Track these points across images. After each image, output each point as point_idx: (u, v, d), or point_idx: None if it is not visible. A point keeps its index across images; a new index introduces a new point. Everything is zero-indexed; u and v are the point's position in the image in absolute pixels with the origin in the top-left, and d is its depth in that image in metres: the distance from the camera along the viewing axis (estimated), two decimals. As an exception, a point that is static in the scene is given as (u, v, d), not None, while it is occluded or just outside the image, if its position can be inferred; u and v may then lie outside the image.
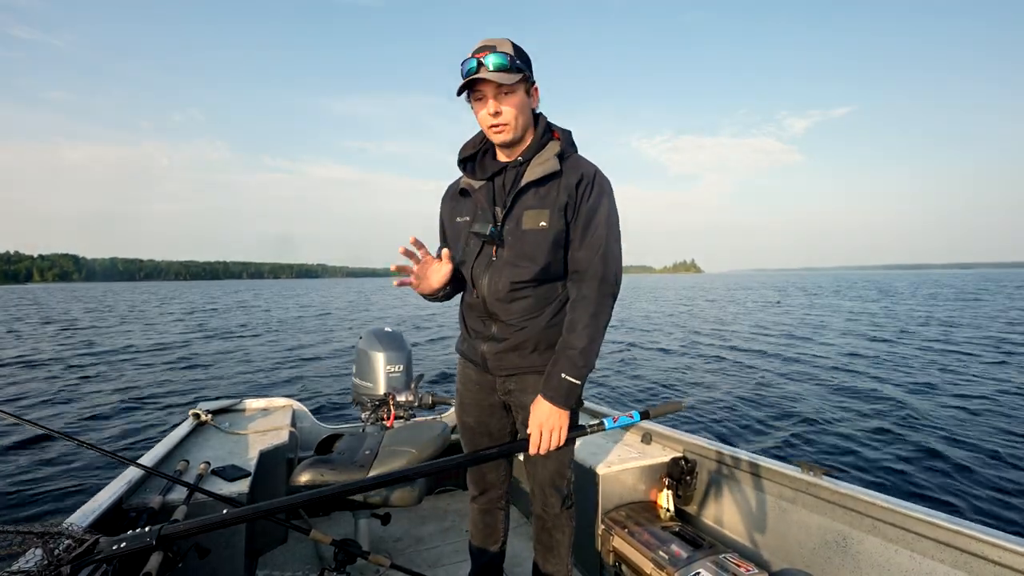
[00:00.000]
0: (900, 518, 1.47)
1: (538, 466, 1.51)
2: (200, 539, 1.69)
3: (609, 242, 1.36)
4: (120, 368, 9.87)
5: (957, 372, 8.91)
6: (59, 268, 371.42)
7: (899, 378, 8.50)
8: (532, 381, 1.43)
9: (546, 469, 1.50)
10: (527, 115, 1.35)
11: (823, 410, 6.63)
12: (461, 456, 1.41)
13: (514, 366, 1.44)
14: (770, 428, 5.93)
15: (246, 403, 2.77)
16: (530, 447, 1.33)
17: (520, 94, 1.31)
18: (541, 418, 1.33)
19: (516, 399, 1.48)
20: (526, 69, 1.31)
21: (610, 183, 1.39)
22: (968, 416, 6.24)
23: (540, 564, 1.62)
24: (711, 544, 1.77)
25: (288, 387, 8.34)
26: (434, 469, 1.35)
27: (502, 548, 1.74)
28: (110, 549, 0.92)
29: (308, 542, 2.32)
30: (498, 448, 1.40)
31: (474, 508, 1.72)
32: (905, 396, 7.27)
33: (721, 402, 7.15)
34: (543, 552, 1.61)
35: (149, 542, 0.94)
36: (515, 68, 1.27)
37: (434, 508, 2.70)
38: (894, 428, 5.80)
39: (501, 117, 1.30)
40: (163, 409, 6.85)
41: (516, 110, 1.31)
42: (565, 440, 1.35)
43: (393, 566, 1.85)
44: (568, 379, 1.32)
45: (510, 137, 1.34)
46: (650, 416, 1.52)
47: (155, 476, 1.84)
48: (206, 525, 0.99)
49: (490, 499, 1.68)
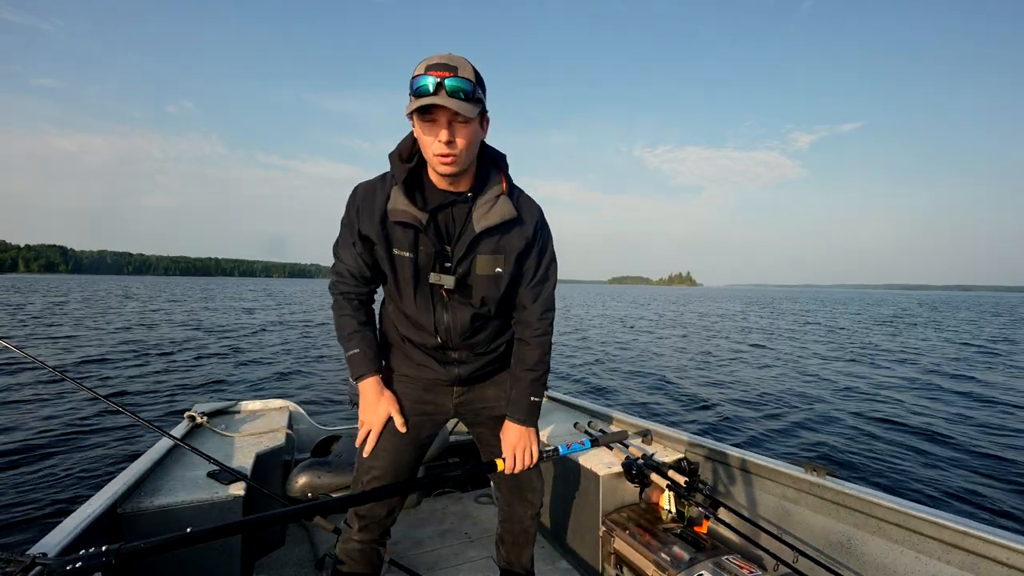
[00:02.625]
0: (905, 519, 1.45)
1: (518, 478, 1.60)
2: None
3: (554, 278, 1.45)
4: (116, 368, 9.80)
5: (961, 374, 8.94)
6: (45, 259, 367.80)
7: (899, 378, 8.52)
8: (490, 384, 1.54)
9: (524, 477, 1.61)
10: (477, 147, 1.24)
11: (826, 410, 6.63)
12: (461, 469, 1.41)
13: (481, 376, 1.52)
14: (772, 428, 5.92)
15: (242, 405, 2.74)
16: (507, 469, 1.43)
17: (475, 125, 1.19)
18: (513, 440, 1.44)
19: (469, 407, 1.55)
20: (484, 98, 1.20)
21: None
22: (972, 414, 6.26)
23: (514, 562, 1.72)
24: (713, 546, 1.75)
25: (285, 389, 8.30)
26: (432, 478, 1.35)
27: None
28: (63, 570, 0.84)
29: (305, 545, 2.29)
30: (463, 469, 1.44)
31: (352, 544, 1.47)
32: (906, 395, 7.29)
33: (722, 402, 7.15)
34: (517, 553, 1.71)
35: (107, 561, 0.86)
36: (475, 98, 1.14)
37: (432, 510, 2.67)
38: (898, 428, 5.81)
39: (453, 148, 1.16)
40: (158, 412, 6.79)
41: (468, 142, 1.18)
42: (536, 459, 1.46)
43: (392, 563, 1.83)
44: (535, 400, 1.45)
45: (457, 170, 1.21)
46: (599, 444, 1.72)
47: (150, 479, 1.81)
48: (170, 543, 0.93)
49: (373, 535, 1.48)
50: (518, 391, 1.44)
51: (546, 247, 1.41)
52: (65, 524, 1.37)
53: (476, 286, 1.33)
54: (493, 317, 1.43)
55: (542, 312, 1.43)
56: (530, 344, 1.44)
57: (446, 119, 1.14)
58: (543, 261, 1.41)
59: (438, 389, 1.49)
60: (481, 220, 1.27)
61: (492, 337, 1.47)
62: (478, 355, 1.46)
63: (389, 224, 1.28)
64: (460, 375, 1.46)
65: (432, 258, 1.29)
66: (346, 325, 1.40)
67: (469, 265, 1.31)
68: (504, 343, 1.50)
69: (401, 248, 1.29)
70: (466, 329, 1.38)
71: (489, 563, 2.19)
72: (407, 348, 1.45)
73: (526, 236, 1.34)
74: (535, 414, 1.46)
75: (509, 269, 1.34)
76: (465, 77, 1.12)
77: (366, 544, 1.47)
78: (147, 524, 1.61)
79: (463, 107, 1.11)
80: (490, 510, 2.69)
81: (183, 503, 1.67)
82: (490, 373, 1.53)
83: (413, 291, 1.33)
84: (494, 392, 1.53)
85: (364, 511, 1.45)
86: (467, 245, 1.28)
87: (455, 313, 1.36)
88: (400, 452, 1.44)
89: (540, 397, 1.47)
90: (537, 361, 1.43)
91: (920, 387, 7.96)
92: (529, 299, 1.42)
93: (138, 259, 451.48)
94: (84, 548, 0.89)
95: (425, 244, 1.28)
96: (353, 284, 1.39)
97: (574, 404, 2.90)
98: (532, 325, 1.43)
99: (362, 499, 1.25)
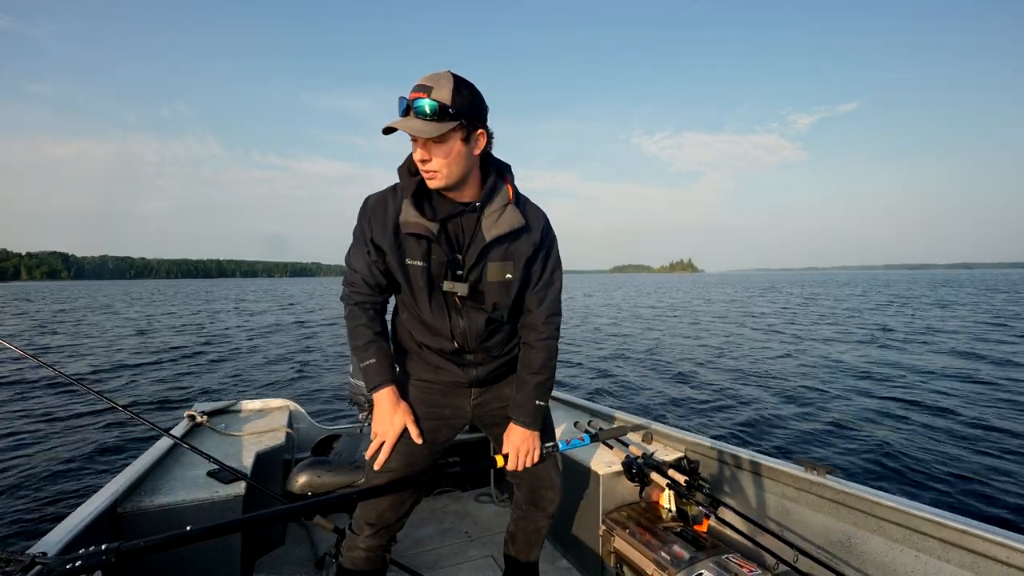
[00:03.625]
0: (905, 517, 1.45)
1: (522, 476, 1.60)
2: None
3: (560, 282, 1.47)
4: (114, 368, 9.81)
5: (958, 371, 8.94)
6: (48, 266, 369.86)
7: (899, 377, 8.52)
8: (507, 383, 1.55)
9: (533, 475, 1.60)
10: (464, 163, 1.24)
11: (827, 408, 6.64)
12: (461, 467, 1.41)
13: (498, 376, 1.53)
14: (773, 427, 5.93)
15: (242, 404, 2.75)
16: (508, 466, 1.44)
17: (454, 144, 1.19)
18: (517, 443, 1.45)
19: (487, 408, 1.55)
20: (466, 115, 1.18)
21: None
22: (971, 411, 6.26)
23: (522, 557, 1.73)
24: (713, 544, 1.76)
25: (285, 388, 8.30)
26: (433, 475, 1.35)
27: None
28: (63, 569, 0.84)
29: (305, 544, 2.29)
30: (464, 467, 1.48)
31: (358, 552, 1.45)
32: (906, 395, 7.29)
33: (723, 401, 7.15)
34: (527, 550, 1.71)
35: (107, 560, 0.86)
36: (447, 116, 1.15)
37: (432, 509, 2.68)
38: (898, 426, 5.81)
39: (430, 164, 1.21)
40: (158, 411, 6.80)
41: (447, 159, 1.20)
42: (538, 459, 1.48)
43: (392, 562, 1.83)
44: (540, 404, 1.46)
45: (442, 185, 1.24)
46: (599, 439, 1.73)
47: (150, 479, 1.81)
48: (169, 541, 0.93)
49: (381, 542, 1.46)
50: (523, 395, 1.46)
51: (551, 252, 1.44)
52: (65, 523, 1.37)
53: (488, 292, 1.36)
54: (506, 321, 1.45)
55: (547, 316, 1.45)
56: (535, 348, 1.45)
57: (419, 139, 1.18)
58: (548, 265, 1.44)
59: (456, 392, 1.50)
60: (491, 229, 1.30)
61: (506, 340, 1.49)
62: (494, 357, 1.48)
63: (402, 235, 1.30)
64: (478, 376, 1.47)
65: (444, 266, 1.32)
66: (361, 335, 1.40)
67: (480, 272, 1.33)
68: (519, 345, 1.52)
69: (414, 258, 1.31)
70: (481, 333, 1.40)
71: (489, 562, 2.19)
72: (424, 354, 1.45)
73: (534, 242, 1.37)
74: (540, 418, 1.47)
75: (519, 275, 1.37)
76: (436, 99, 1.14)
77: (373, 551, 1.45)
78: (147, 523, 1.62)
79: (422, 128, 1.14)
80: (490, 509, 2.69)
81: (183, 502, 1.67)
82: (507, 373, 1.55)
83: (428, 299, 1.35)
84: (511, 391, 1.53)
85: (374, 518, 1.42)
86: (478, 253, 1.31)
87: (470, 318, 1.38)
88: (414, 456, 1.43)
89: (545, 402, 1.48)
90: (542, 365, 1.45)
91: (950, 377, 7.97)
92: (535, 303, 1.44)
93: (140, 263, 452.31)
94: (84, 547, 0.88)
95: (437, 253, 1.30)
96: (368, 293, 1.40)
97: (574, 403, 2.91)
98: (537, 329, 1.45)
99: (360, 496, 1.25)
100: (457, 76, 1.18)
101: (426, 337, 1.42)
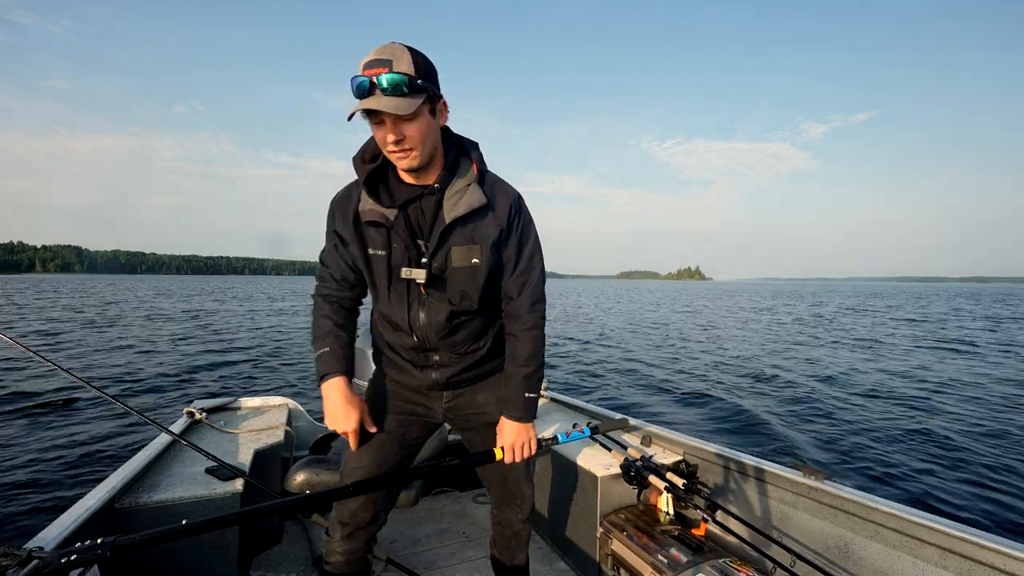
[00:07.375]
0: (903, 524, 1.45)
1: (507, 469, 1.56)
2: (191, 540, 1.66)
3: (540, 267, 1.40)
4: (114, 364, 9.81)
5: (960, 377, 8.93)
6: (61, 259, 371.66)
7: (900, 378, 8.51)
8: (480, 388, 1.49)
9: (514, 472, 1.58)
10: (435, 137, 1.21)
11: (825, 413, 6.63)
12: (458, 460, 1.39)
13: (467, 379, 1.47)
14: (771, 431, 5.92)
15: (241, 402, 2.75)
16: (506, 459, 1.40)
17: (424, 117, 1.14)
18: (511, 437, 1.39)
19: (459, 413, 1.51)
20: (430, 86, 1.13)
21: (525, 202, 1.38)
22: (972, 417, 6.25)
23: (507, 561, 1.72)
24: (711, 548, 1.75)
25: (284, 386, 8.30)
26: (431, 470, 1.34)
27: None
28: (58, 563, 0.84)
29: (303, 542, 2.29)
30: (459, 461, 1.41)
31: (336, 557, 1.43)
32: (907, 397, 7.28)
33: (722, 404, 7.14)
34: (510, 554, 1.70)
35: (102, 554, 0.86)
36: (416, 89, 1.09)
37: (430, 509, 2.67)
38: (898, 431, 5.80)
39: (404, 143, 1.14)
40: (157, 407, 6.80)
41: (421, 135, 1.15)
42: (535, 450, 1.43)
43: (389, 562, 1.83)
44: (530, 396, 1.40)
45: (417, 164, 1.19)
46: (599, 432, 1.68)
47: (148, 475, 1.82)
48: (165, 535, 0.93)
49: (358, 544, 1.44)
50: (511, 388, 1.40)
51: (526, 235, 1.36)
52: (62, 519, 1.37)
53: (453, 279, 1.29)
54: (474, 315, 1.38)
55: (531, 304, 1.38)
56: (520, 339, 1.39)
57: (390, 117, 1.11)
58: (525, 250, 1.36)
59: (428, 393, 1.47)
60: (451, 210, 1.24)
61: (473, 336, 1.41)
62: (459, 355, 1.41)
63: (363, 225, 1.28)
64: (438, 380, 1.41)
65: (405, 254, 1.27)
66: (320, 325, 1.37)
67: (445, 258, 1.27)
68: (487, 343, 1.44)
69: (375, 247, 1.28)
70: (442, 327, 1.33)
71: (487, 563, 2.19)
72: (390, 353, 1.44)
73: (500, 224, 1.30)
74: (532, 410, 1.42)
75: (487, 259, 1.29)
76: (401, 71, 1.07)
77: (351, 554, 1.43)
78: (144, 519, 1.62)
79: (398, 105, 1.07)
80: (488, 509, 2.68)
81: (181, 499, 1.67)
82: (478, 376, 1.48)
83: (387, 288, 1.31)
84: (484, 397, 1.49)
85: (347, 517, 1.40)
86: (439, 237, 1.25)
87: (431, 310, 1.31)
88: (386, 451, 1.42)
89: (536, 394, 1.42)
90: (529, 356, 1.38)
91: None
92: (515, 290, 1.37)
93: (151, 258, 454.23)
94: (80, 542, 0.89)
95: (397, 240, 1.26)
96: (335, 287, 1.38)
97: (574, 405, 2.90)
98: (521, 318, 1.38)
99: (351, 492, 1.25)
100: (408, 46, 1.11)
101: (388, 332, 1.39)
